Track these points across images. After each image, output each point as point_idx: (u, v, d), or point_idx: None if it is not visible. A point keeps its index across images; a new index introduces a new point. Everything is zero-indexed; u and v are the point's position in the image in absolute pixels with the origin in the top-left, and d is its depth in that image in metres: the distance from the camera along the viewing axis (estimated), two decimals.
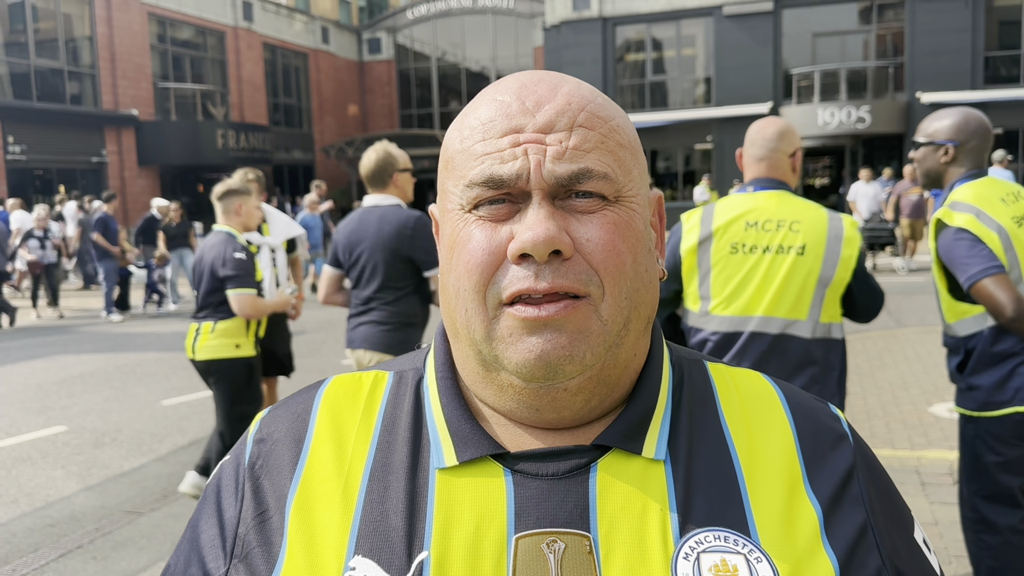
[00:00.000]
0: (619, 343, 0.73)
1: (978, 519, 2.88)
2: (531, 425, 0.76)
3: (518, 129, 0.72)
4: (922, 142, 2.98)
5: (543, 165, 0.70)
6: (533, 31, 32.21)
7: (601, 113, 0.74)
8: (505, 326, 0.71)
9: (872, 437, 5.57)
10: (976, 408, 2.84)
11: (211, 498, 0.82)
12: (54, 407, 7.60)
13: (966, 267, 2.66)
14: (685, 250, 2.77)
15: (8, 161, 21.51)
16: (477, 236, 0.72)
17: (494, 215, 0.72)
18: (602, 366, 0.73)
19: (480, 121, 0.74)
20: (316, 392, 0.85)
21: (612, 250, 0.71)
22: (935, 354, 8.04)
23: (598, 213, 0.72)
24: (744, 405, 0.81)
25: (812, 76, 25.40)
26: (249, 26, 29.68)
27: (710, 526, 0.72)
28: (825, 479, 0.77)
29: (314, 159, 33.08)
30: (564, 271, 0.69)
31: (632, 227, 0.73)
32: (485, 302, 0.72)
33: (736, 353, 2.70)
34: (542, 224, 0.68)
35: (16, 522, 4.97)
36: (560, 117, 0.72)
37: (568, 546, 0.70)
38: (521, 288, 0.69)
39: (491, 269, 0.71)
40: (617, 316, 0.72)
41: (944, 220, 2.80)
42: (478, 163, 0.72)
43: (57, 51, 23.36)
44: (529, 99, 0.73)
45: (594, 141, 0.72)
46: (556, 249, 0.69)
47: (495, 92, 0.76)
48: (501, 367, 0.73)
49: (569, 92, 0.74)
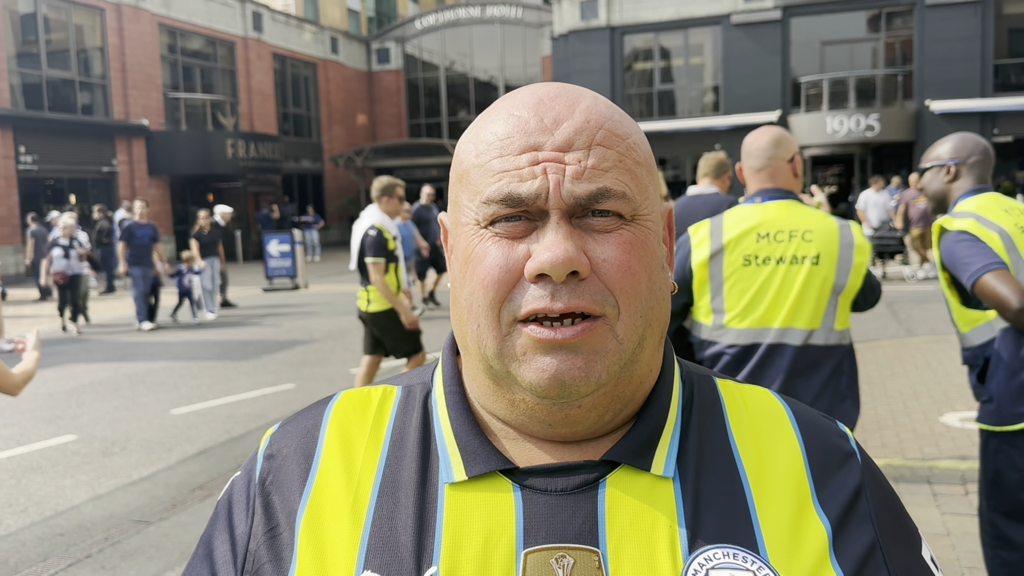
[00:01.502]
0: (634, 360, 0.73)
1: (996, 535, 2.84)
2: (542, 438, 0.76)
3: (536, 147, 0.71)
4: (927, 167, 3.05)
5: (562, 185, 0.70)
6: (541, 40, 32.28)
7: (619, 131, 0.74)
8: (519, 344, 0.71)
9: (883, 447, 5.53)
10: (995, 422, 2.80)
11: (223, 514, 0.82)
12: (64, 416, 7.63)
13: (968, 265, 2.65)
14: (696, 264, 2.76)
15: (20, 171, 21.65)
16: (493, 253, 0.71)
17: (511, 232, 0.71)
18: (616, 382, 0.73)
19: (497, 136, 0.73)
20: (325, 408, 0.86)
21: (628, 270, 0.71)
22: (946, 363, 7.99)
23: (615, 232, 0.71)
24: (753, 422, 0.81)
25: (821, 84, 25.36)
26: (259, 36, 29.85)
27: (719, 543, 0.71)
28: (834, 497, 0.77)
29: (323, 168, 33.19)
30: (580, 291, 0.69)
31: (647, 246, 0.73)
32: (499, 319, 0.71)
33: (755, 365, 2.69)
34: (561, 245, 0.68)
35: (25, 531, 4.98)
36: (579, 135, 0.71)
37: (577, 561, 0.70)
38: (537, 308, 0.69)
39: (507, 287, 0.71)
40: (632, 335, 0.72)
41: (945, 226, 2.81)
42: (495, 180, 0.72)
43: (69, 62, 23.53)
44: (547, 116, 0.72)
45: (612, 160, 0.72)
46: (573, 270, 0.68)
47: (512, 107, 0.75)
48: (514, 382, 0.73)
49: (587, 109, 0.73)
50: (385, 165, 31.57)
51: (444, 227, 0.84)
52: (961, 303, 2.89)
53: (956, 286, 2.89)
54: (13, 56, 21.93)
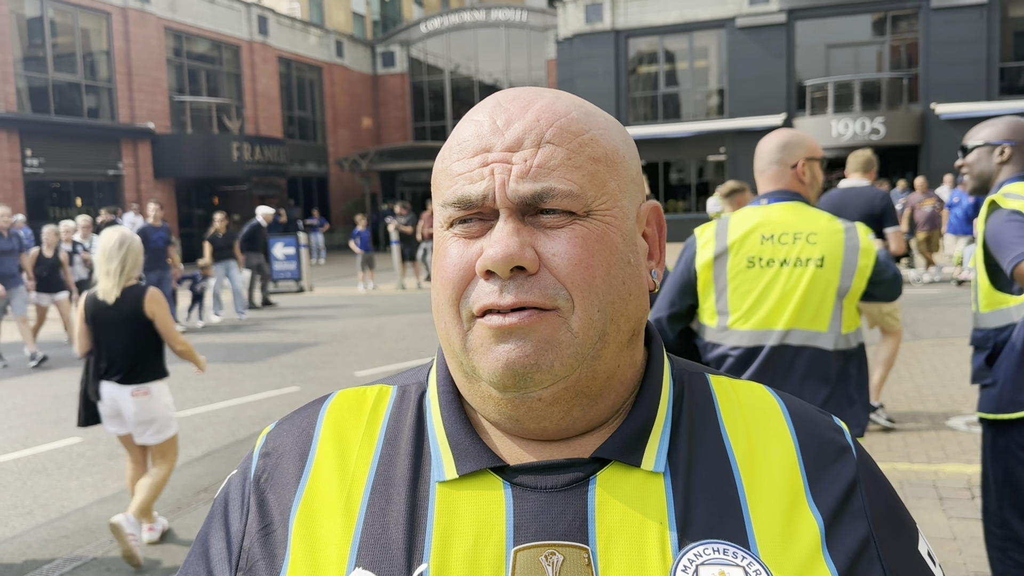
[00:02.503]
0: (596, 355, 0.73)
1: (1008, 536, 2.78)
2: (516, 435, 0.77)
3: (488, 148, 0.73)
4: (977, 144, 2.96)
5: (507, 184, 0.71)
6: (546, 44, 32.32)
7: (572, 128, 0.74)
8: (477, 336, 0.73)
9: (889, 451, 5.51)
10: (993, 409, 2.77)
11: (219, 511, 0.83)
12: (69, 418, 7.64)
13: (1012, 248, 2.59)
14: (701, 265, 2.76)
15: (26, 174, 21.73)
16: (452, 252, 0.74)
17: (468, 232, 0.74)
18: (578, 378, 0.73)
19: (457, 141, 0.76)
20: (321, 407, 0.86)
21: (580, 264, 0.71)
22: (952, 367, 7.97)
23: (566, 228, 0.72)
24: (746, 417, 0.81)
25: (826, 87, 25.34)
26: (264, 40, 29.93)
27: (709, 538, 0.72)
28: (827, 491, 0.77)
29: (328, 172, 33.26)
30: (528, 287, 0.70)
31: (605, 240, 0.73)
32: (459, 315, 0.74)
33: (759, 367, 2.68)
34: (503, 242, 0.70)
35: (31, 533, 4.99)
36: (527, 134, 0.73)
37: (567, 559, 0.70)
38: (487, 304, 0.71)
39: (463, 284, 0.73)
40: (589, 329, 0.72)
41: (998, 202, 2.75)
42: (452, 183, 0.74)
43: (75, 65, 23.61)
44: (500, 118, 0.74)
45: (560, 158, 0.72)
46: (520, 265, 0.70)
47: (474, 112, 0.77)
48: (479, 378, 0.74)
49: (540, 108, 0.74)
50: (390, 168, 31.63)
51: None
52: (991, 283, 2.84)
53: (989, 265, 2.84)
54: (20, 59, 22.02)
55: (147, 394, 4.59)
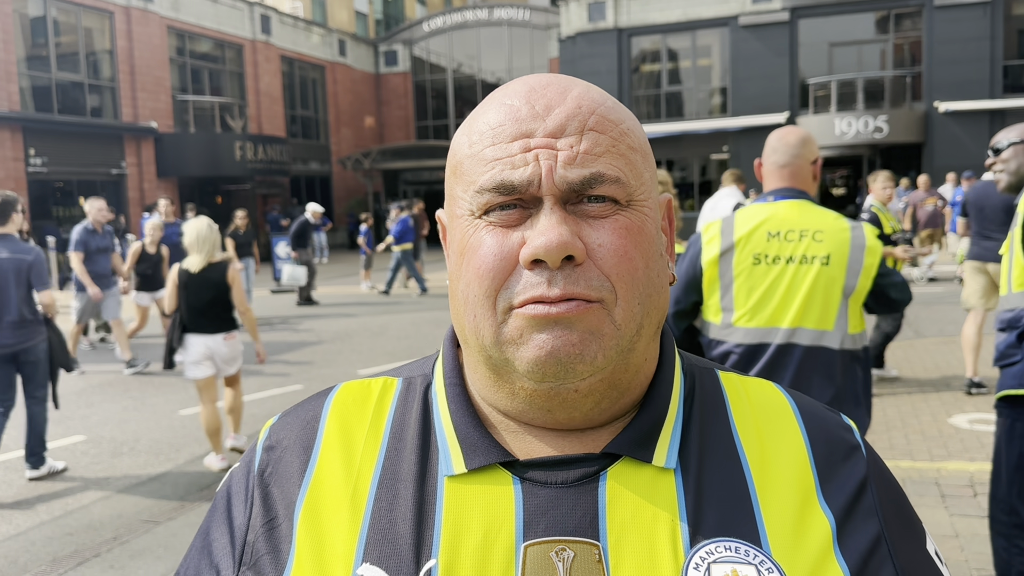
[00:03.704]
0: (631, 348, 0.73)
1: (1015, 523, 2.77)
2: (541, 427, 0.76)
3: (528, 134, 0.71)
4: (1015, 141, 2.94)
5: (555, 170, 0.69)
6: (549, 42, 32.28)
7: (611, 116, 0.73)
8: (514, 327, 0.70)
9: (891, 448, 5.51)
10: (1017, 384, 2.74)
11: (222, 505, 0.82)
12: (73, 416, 7.66)
13: None
14: (706, 261, 2.75)
15: (29, 173, 21.74)
16: (488, 242, 0.71)
17: (505, 220, 0.71)
18: (613, 369, 0.72)
19: (489, 126, 0.73)
20: (325, 399, 0.85)
21: (624, 255, 0.70)
22: (954, 365, 7.96)
23: (610, 218, 0.71)
24: (756, 415, 0.80)
25: (829, 86, 25.28)
26: (267, 39, 29.92)
27: (721, 536, 0.71)
28: (838, 490, 0.76)
29: (331, 171, 33.25)
30: (576, 277, 0.69)
31: (644, 232, 0.73)
32: (495, 307, 0.71)
33: (765, 365, 2.67)
34: (555, 229, 0.68)
35: (35, 530, 5.00)
36: (571, 121, 0.71)
37: (577, 555, 0.69)
38: (534, 295, 0.69)
39: (503, 275, 0.70)
40: (630, 321, 0.71)
41: None
42: (488, 168, 0.71)
43: (78, 64, 23.62)
44: (539, 103, 0.72)
45: (605, 145, 0.71)
46: (569, 255, 0.68)
47: (504, 96, 0.75)
48: (512, 370, 0.72)
49: (579, 96, 0.73)
50: (393, 167, 31.61)
51: (442, 224, 0.83)
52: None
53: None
54: (23, 59, 22.03)
55: (233, 337, 6.15)
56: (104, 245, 9.54)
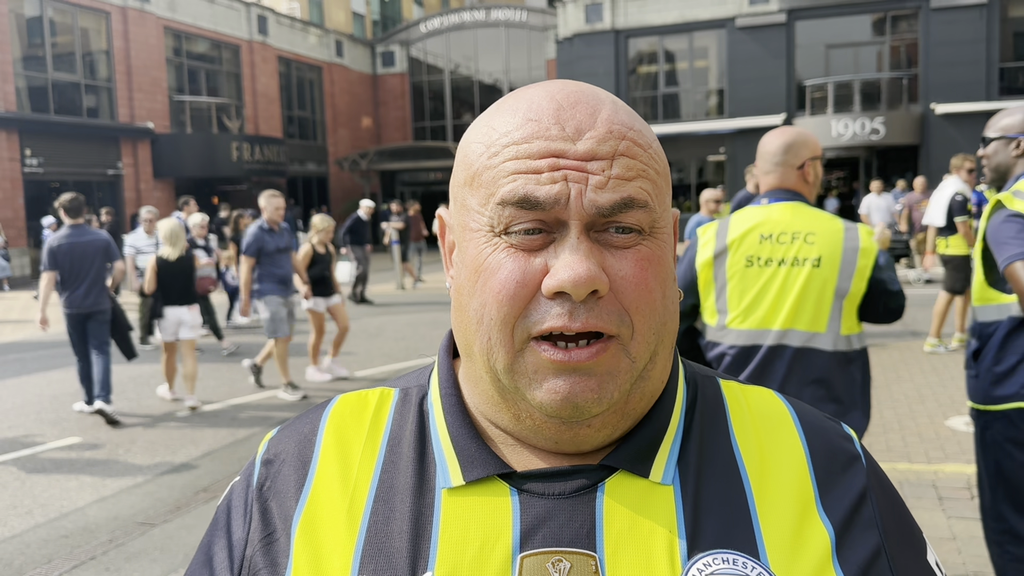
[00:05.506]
0: (646, 376, 0.73)
1: (1003, 529, 2.79)
2: (543, 449, 0.76)
3: (559, 154, 0.68)
4: (994, 136, 2.95)
5: (584, 194, 0.67)
6: (546, 44, 32.30)
7: (641, 141, 0.72)
8: (531, 362, 0.69)
9: (888, 451, 5.51)
10: (980, 400, 2.80)
11: (222, 520, 0.82)
12: (69, 418, 7.64)
13: (1006, 248, 2.61)
14: (701, 264, 2.77)
15: (25, 174, 21.71)
16: (509, 266, 0.69)
17: (527, 244, 0.69)
18: (627, 400, 0.72)
19: (513, 140, 0.70)
20: (323, 412, 0.85)
21: (643, 287, 0.69)
22: (951, 366, 7.96)
23: (632, 249, 0.70)
24: (756, 424, 0.80)
25: (826, 87, 25.32)
26: (264, 40, 29.91)
27: (718, 548, 0.70)
28: (838, 501, 0.75)
29: (328, 171, 33.24)
30: (598, 311, 0.67)
31: (663, 261, 0.72)
32: (513, 335, 0.69)
33: (756, 367, 2.68)
34: (583, 264, 0.66)
35: (30, 533, 4.98)
36: (602, 145, 0.69)
37: (574, 566, 0.69)
38: (555, 326, 0.67)
39: (523, 302, 0.68)
40: (644, 352, 0.71)
41: (1003, 202, 2.75)
42: (510, 180, 0.69)
43: (74, 65, 23.59)
44: (569, 124, 0.70)
45: (636, 170, 0.70)
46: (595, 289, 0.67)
47: (528, 111, 0.71)
48: (521, 398, 0.71)
49: (609, 119, 0.71)
50: (390, 168, 31.61)
51: (442, 221, 0.82)
52: (986, 279, 2.86)
53: (986, 262, 2.86)
54: (19, 59, 21.99)
55: (195, 308, 8.05)
56: (284, 245, 8.30)
